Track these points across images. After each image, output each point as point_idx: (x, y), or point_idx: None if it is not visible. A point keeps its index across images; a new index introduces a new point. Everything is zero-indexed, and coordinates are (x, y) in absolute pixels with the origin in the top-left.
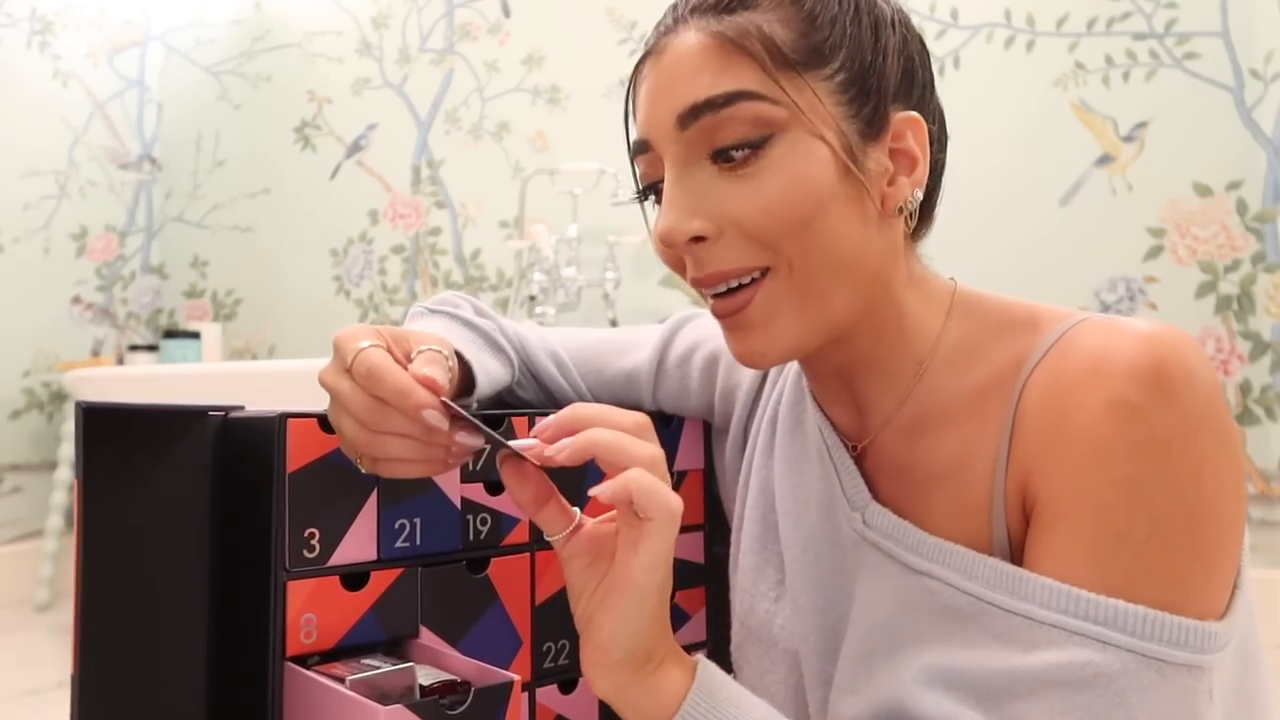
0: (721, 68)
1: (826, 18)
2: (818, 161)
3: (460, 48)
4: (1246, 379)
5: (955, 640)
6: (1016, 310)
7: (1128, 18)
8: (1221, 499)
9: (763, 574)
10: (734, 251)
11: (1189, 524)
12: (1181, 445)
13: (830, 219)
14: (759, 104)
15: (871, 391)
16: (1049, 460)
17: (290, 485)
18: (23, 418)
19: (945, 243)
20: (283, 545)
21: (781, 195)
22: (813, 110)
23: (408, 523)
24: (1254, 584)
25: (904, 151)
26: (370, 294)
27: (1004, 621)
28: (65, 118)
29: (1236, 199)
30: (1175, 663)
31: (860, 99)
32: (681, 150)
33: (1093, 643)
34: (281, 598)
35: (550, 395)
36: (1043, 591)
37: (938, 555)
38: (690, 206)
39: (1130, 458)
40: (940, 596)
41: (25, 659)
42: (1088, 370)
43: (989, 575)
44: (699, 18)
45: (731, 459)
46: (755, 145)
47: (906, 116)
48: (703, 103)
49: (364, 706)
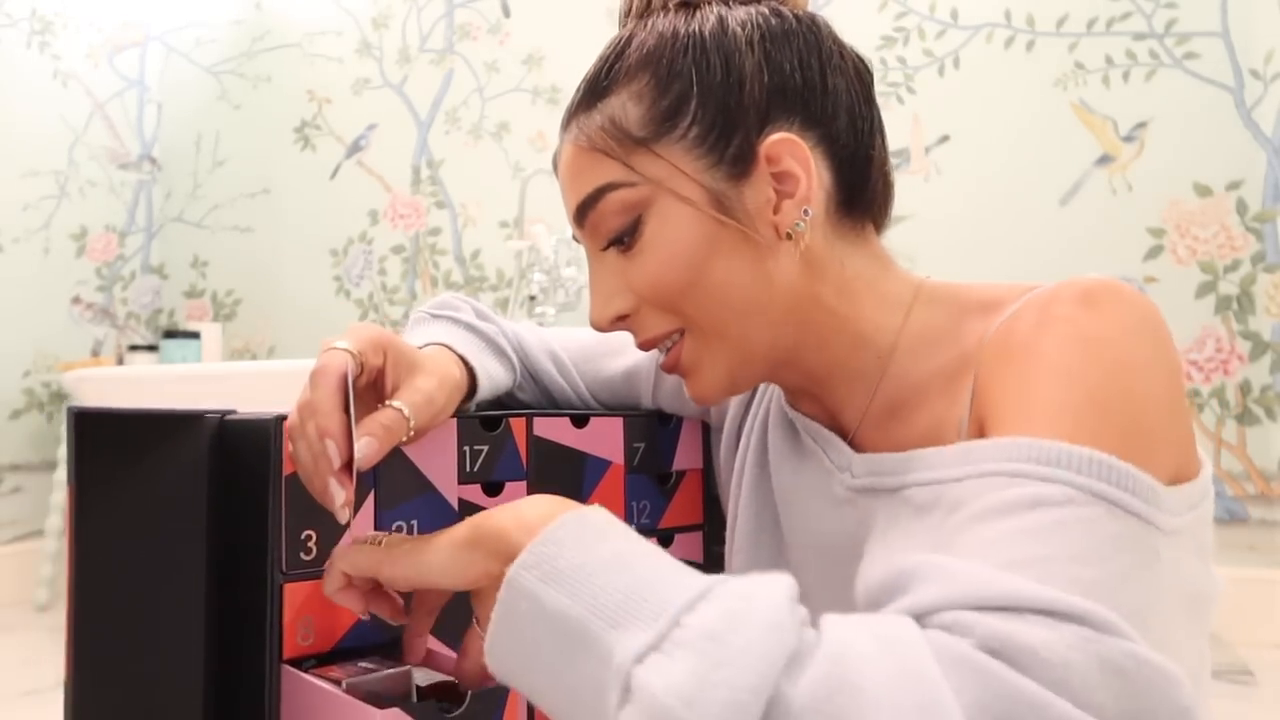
0: (586, 169)
1: (671, 75)
2: (686, 225)
3: (460, 48)
4: (1246, 379)
5: (922, 537)
6: (984, 292)
7: (1128, 18)
8: (1159, 399)
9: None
10: (651, 321)
11: (1125, 402)
12: (1113, 340)
13: (716, 273)
14: (621, 191)
15: (839, 395)
16: (995, 386)
17: (287, 487)
18: (23, 418)
19: (945, 243)
20: (279, 547)
21: (662, 268)
22: (671, 178)
23: (405, 524)
24: (1254, 584)
25: (785, 173)
26: (370, 294)
27: (956, 489)
28: (65, 118)
29: (1236, 199)
30: (1124, 506)
31: (721, 142)
32: (588, 243)
33: (1037, 481)
34: (278, 600)
35: (549, 395)
36: (989, 450)
37: (910, 464)
38: (605, 294)
39: (1061, 351)
40: (912, 501)
41: (25, 659)
42: (1036, 312)
43: (949, 458)
44: (572, 124)
45: (725, 458)
46: (631, 229)
47: (777, 140)
48: (581, 204)
49: (360, 709)
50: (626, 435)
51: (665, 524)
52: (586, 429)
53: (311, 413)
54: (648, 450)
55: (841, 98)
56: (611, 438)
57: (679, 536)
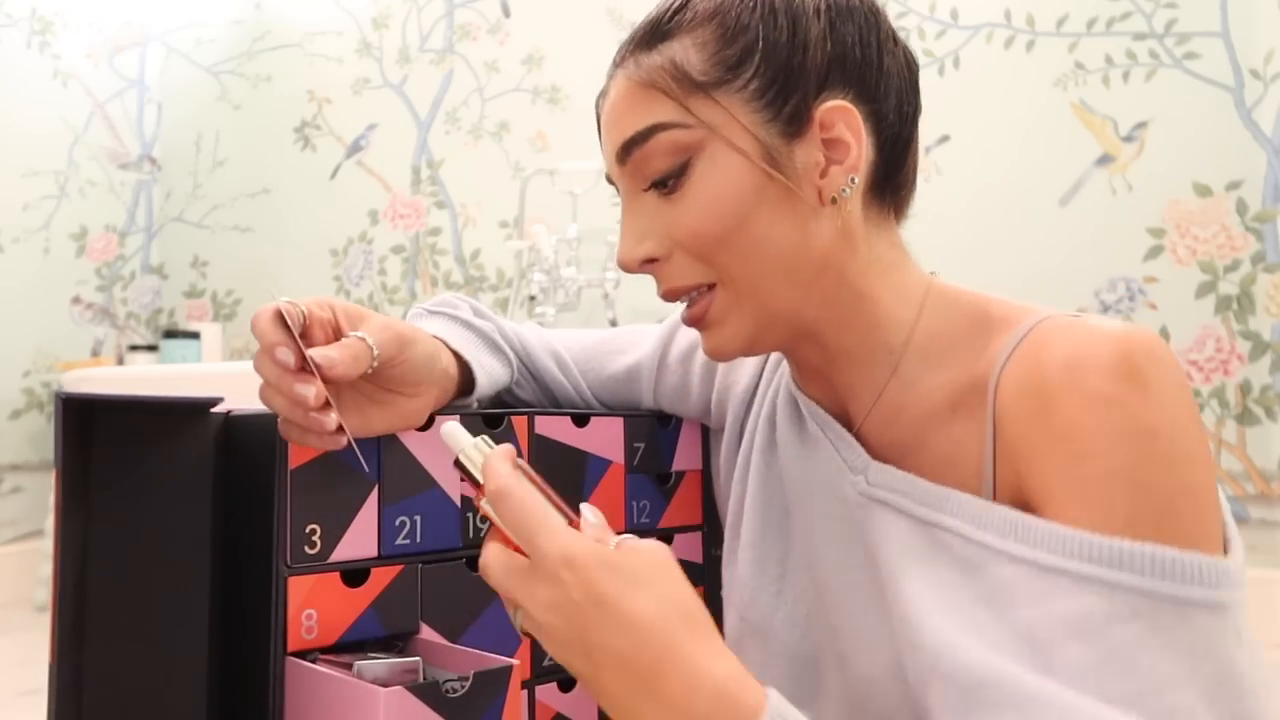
0: (639, 106)
1: (738, 28)
2: (736, 174)
3: (460, 48)
4: (1246, 379)
5: (968, 593)
6: (989, 307)
7: (1128, 18)
8: (1209, 476)
9: (763, 568)
10: (682, 269)
11: (1192, 502)
12: (1167, 431)
13: (758, 226)
14: (673, 132)
15: (849, 381)
16: (1039, 461)
17: (292, 481)
18: (23, 418)
19: (946, 243)
20: (284, 541)
21: (705, 214)
22: (726, 125)
23: (409, 519)
24: (1254, 584)
25: (836, 140)
26: (370, 294)
27: (1009, 569)
28: (65, 118)
29: (1236, 199)
30: (1193, 601)
31: (779, 99)
32: (627, 183)
33: (1100, 587)
34: (283, 594)
35: (551, 394)
36: (1049, 537)
37: (945, 504)
38: (638, 233)
39: (1118, 448)
40: (951, 549)
41: (25, 659)
42: (1064, 369)
43: (997, 522)
44: (628, 60)
45: (726, 458)
46: (678, 171)
47: (833, 106)
48: (629, 140)
49: (365, 690)
50: (627, 435)
51: (664, 524)
52: (587, 428)
53: (260, 350)
54: (648, 450)
55: (893, 80)
56: (612, 437)
57: (678, 537)
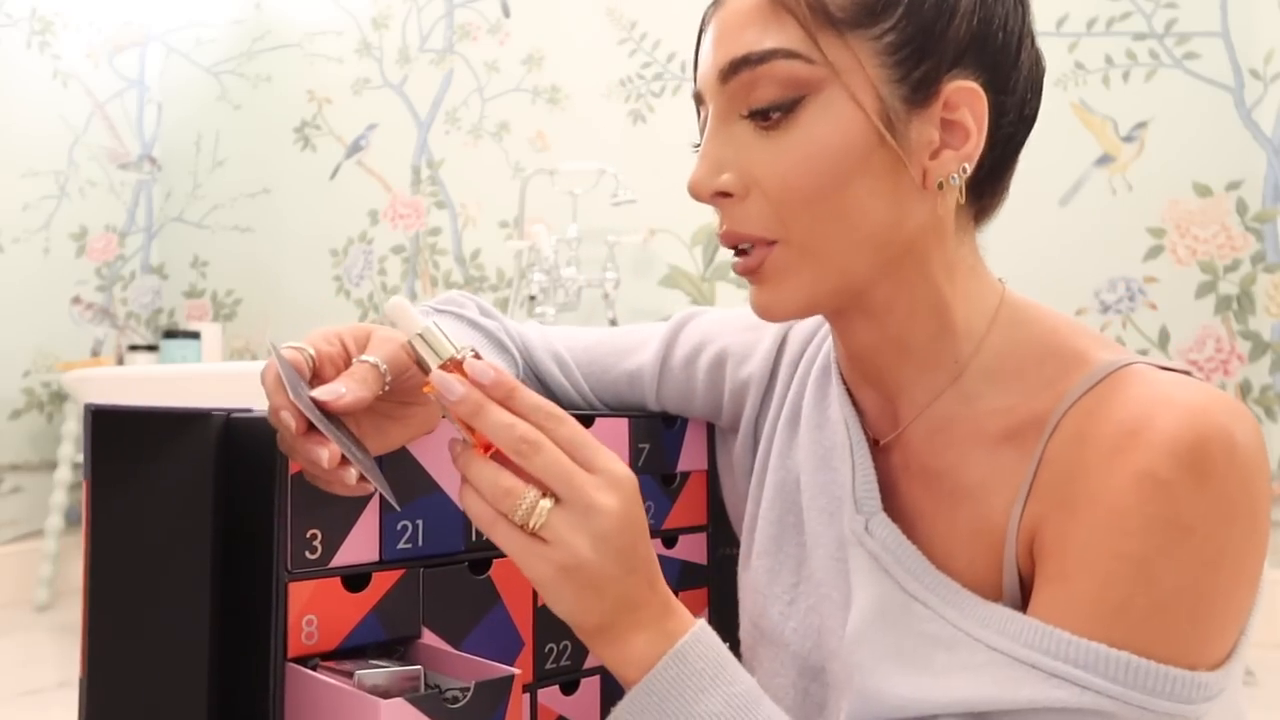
0: (765, 24)
1: None
2: (848, 126)
3: (460, 48)
4: (1246, 379)
5: (934, 667)
6: (1065, 336)
7: (1128, 18)
8: (1236, 587)
9: (777, 576)
10: (753, 216)
11: (1194, 608)
12: (1206, 532)
13: (855, 192)
14: (794, 63)
15: (904, 378)
16: (1063, 515)
17: (293, 486)
18: (23, 418)
19: None
20: (285, 546)
21: (804, 164)
22: (851, 72)
23: (410, 524)
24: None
25: (956, 123)
26: (370, 294)
27: (983, 655)
28: (65, 118)
29: (1236, 199)
30: (1160, 712)
31: (911, 62)
32: (723, 104)
33: (1069, 685)
34: (283, 599)
35: (551, 395)
36: (1026, 631)
37: (935, 587)
38: (720, 161)
39: (1144, 533)
40: (923, 621)
41: (25, 659)
42: (1124, 432)
43: (982, 614)
44: None
45: (741, 458)
46: (787, 106)
47: (963, 86)
48: (741, 58)
49: (365, 701)
50: (632, 436)
51: (669, 525)
52: (592, 429)
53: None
54: (653, 451)
55: (1024, 77)
56: (617, 438)
57: (683, 538)
